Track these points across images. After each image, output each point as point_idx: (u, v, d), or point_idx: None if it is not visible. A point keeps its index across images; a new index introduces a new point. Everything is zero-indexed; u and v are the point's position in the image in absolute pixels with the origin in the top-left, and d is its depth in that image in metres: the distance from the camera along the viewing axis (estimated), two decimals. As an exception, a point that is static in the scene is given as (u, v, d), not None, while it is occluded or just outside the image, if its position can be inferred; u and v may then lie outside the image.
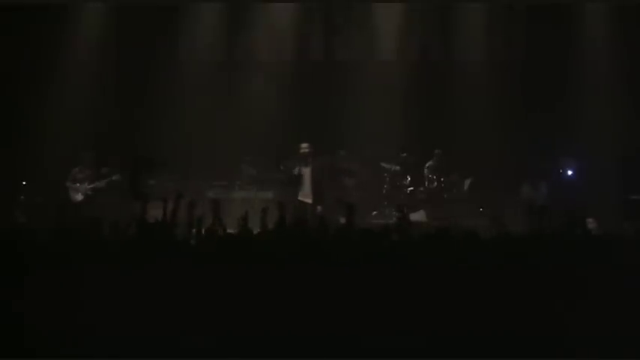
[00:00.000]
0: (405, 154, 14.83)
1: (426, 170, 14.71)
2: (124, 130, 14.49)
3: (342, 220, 8.45)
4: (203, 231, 6.99)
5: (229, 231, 7.13)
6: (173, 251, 6.19)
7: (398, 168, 14.79)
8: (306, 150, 12.88)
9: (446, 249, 6.16)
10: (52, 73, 14.78)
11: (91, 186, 13.78)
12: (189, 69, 15.31)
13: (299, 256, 5.88)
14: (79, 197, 13.81)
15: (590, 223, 9.76)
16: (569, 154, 14.89)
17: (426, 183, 14.64)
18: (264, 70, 15.61)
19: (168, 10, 15.17)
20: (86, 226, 7.04)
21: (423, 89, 15.23)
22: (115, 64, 14.95)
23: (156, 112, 14.73)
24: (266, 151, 14.56)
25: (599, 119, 14.44)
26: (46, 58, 14.81)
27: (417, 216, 14.02)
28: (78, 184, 13.79)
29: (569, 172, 14.77)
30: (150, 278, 5.44)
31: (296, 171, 12.84)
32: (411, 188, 14.69)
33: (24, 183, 14.16)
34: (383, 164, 14.90)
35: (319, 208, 12.64)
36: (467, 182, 14.67)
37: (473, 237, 6.54)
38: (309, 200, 12.79)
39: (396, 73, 15.26)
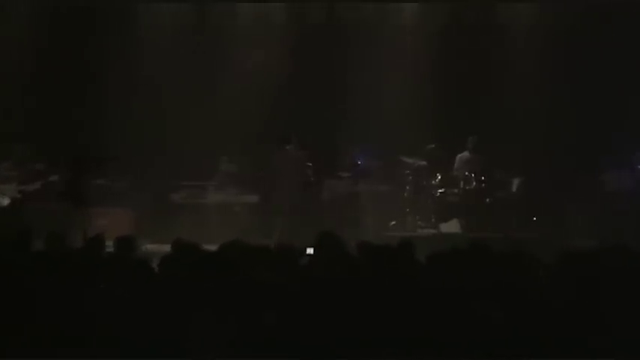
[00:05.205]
0: (433, 146, 13.38)
1: (457, 165, 13.36)
2: (68, 124, 13.56)
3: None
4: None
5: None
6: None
7: (424, 163, 13.38)
8: (303, 146, 12.43)
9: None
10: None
11: (22, 187, 12.68)
12: (152, 40, 13.88)
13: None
14: (5, 201, 12.76)
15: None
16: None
17: (461, 183, 13.09)
18: (249, 38, 14.08)
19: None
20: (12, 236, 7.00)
21: (456, 62, 13.81)
22: (62, 50, 13.84)
23: (109, 103, 13.64)
24: (250, 144, 13.49)
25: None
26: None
27: (449, 227, 12.86)
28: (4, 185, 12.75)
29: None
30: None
31: (288, 169, 12.24)
32: (442, 190, 13.14)
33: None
34: (404, 159, 13.48)
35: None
36: (515, 182, 13.26)
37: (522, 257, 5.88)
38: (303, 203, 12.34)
39: (420, 41, 13.93)
